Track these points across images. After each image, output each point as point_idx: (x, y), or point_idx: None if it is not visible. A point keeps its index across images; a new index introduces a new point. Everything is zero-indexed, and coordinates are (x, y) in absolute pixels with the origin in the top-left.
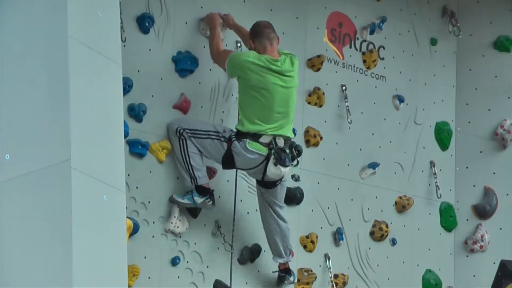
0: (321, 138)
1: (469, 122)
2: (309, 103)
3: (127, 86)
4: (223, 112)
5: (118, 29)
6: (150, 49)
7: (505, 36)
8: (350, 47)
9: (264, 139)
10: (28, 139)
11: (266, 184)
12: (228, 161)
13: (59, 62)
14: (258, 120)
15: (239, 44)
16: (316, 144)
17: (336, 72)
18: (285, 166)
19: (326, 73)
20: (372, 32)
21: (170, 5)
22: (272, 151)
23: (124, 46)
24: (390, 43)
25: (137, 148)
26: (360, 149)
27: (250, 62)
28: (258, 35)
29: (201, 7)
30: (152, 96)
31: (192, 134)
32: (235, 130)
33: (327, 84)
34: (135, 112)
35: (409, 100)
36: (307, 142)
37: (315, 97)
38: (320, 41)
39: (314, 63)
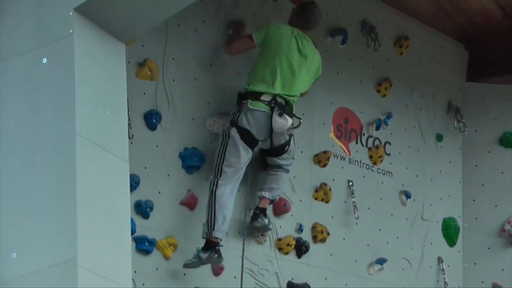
0: (328, 234)
1: (476, 218)
2: (316, 199)
3: (134, 183)
4: None
5: (125, 127)
6: (157, 146)
7: (510, 132)
8: (357, 142)
9: (265, 97)
10: (34, 237)
11: (275, 152)
12: (248, 139)
13: (67, 159)
14: (263, 80)
15: None
16: (323, 240)
17: (342, 167)
18: (290, 116)
19: (332, 169)
20: (378, 128)
21: (177, 102)
22: (276, 107)
23: (131, 142)
24: (396, 139)
25: (144, 245)
26: (368, 245)
27: (283, 28)
28: (304, 14)
29: (208, 103)
30: (159, 192)
31: (219, 168)
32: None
33: (333, 180)
34: (142, 209)
35: (416, 196)
36: (314, 238)
37: (322, 193)
38: (326, 137)
39: (321, 159)
